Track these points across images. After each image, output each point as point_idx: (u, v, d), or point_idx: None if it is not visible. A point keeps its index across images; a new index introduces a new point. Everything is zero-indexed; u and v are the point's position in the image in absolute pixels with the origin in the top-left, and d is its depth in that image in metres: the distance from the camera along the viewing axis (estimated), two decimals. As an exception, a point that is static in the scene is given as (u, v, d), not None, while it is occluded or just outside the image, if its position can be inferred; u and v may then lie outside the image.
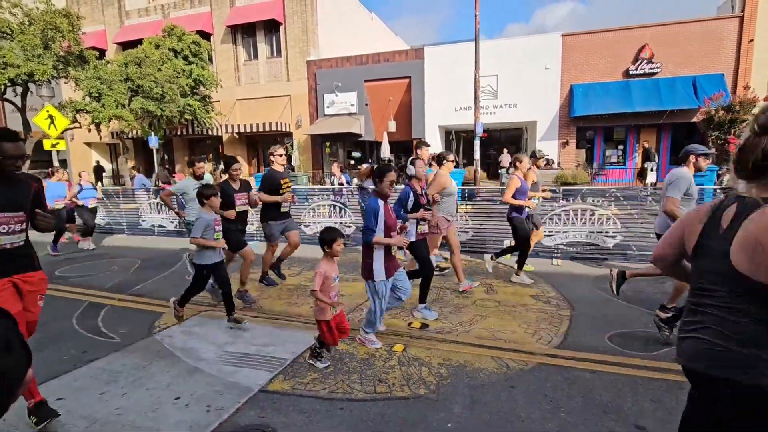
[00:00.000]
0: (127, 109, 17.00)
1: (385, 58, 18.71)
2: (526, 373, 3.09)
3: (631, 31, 15.66)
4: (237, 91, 20.95)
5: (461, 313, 4.37)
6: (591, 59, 16.11)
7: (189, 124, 19.99)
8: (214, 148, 22.56)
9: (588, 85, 15.99)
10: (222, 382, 3.04)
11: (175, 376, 3.12)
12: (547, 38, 16.68)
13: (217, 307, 4.65)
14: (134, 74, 16.86)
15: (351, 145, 20.28)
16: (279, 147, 5.21)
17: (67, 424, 2.56)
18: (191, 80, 18.33)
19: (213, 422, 2.56)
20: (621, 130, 16.89)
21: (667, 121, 15.44)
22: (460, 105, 17.49)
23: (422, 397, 2.81)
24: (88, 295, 5.15)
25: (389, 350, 3.50)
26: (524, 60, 16.56)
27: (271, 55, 20.56)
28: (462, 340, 3.68)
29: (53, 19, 15.74)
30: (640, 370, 3.09)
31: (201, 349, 3.60)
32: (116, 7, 22.55)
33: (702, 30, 14.96)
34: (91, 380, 3.09)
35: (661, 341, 3.56)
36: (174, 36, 18.31)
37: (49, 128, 10.13)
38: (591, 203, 7.08)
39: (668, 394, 2.77)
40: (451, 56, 17.43)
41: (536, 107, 16.75)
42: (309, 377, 3.09)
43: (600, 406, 2.67)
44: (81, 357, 3.46)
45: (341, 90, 18.84)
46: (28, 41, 15.38)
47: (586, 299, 4.69)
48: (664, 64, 15.26)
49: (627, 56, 15.68)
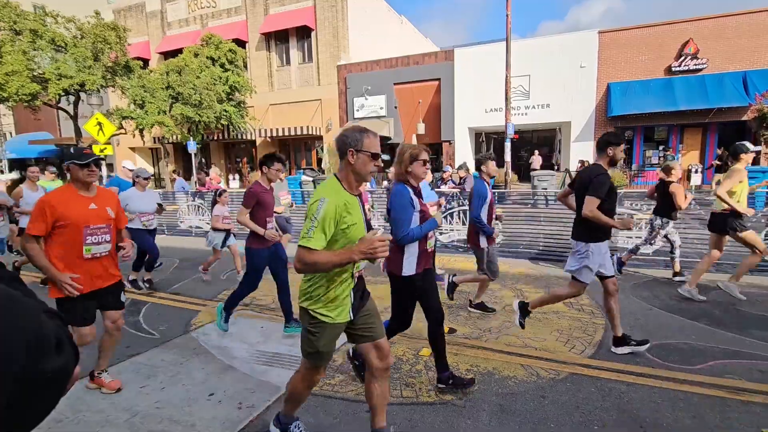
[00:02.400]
0: (168, 115, 17.86)
1: (415, 60, 18.70)
2: (558, 383, 3.00)
3: (673, 26, 14.90)
4: (270, 97, 21.54)
5: (489, 318, 4.30)
6: (630, 56, 15.45)
7: (225, 129, 20.74)
8: (248, 152, 23.29)
9: (627, 84, 15.34)
10: (254, 380, 3.13)
11: (209, 373, 3.25)
12: (582, 36, 16.15)
13: (249, 306, 4.80)
14: (175, 82, 17.69)
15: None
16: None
17: (111, 416, 2.72)
18: (227, 87, 19.02)
19: (244, 419, 2.64)
20: (663, 129, 16.08)
21: (714, 120, 14.57)
22: (490, 106, 17.21)
23: (449, 403, 2.79)
24: (130, 293, 5.44)
25: (416, 355, 3.49)
26: (558, 59, 16.10)
27: (302, 60, 21.02)
28: (491, 347, 3.62)
29: (102, 32, 16.79)
30: (681, 384, 2.93)
31: (234, 347, 3.73)
32: (159, 18, 23.74)
33: (753, 22, 14.03)
34: (133, 374, 3.27)
35: (706, 354, 3.36)
36: (212, 45, 19.08)
37: (98, 134, 10.78)
38: (629, 207, 6.79)
39: (711, 412, 2.62)
40: (482, 57, 17.20)
41: (570, 107, 16.24)
42: (336, 379, 3.13)
43: (636, 420, 2.55)
44: (124, 351, 3.66)
45: (371, 93, 18.98)
46: (80, 53, 16.47)
47: (624, 308, 4.49)
48: (711, 59, 14.41)
49: (669, 52, 14.93)
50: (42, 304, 0.72)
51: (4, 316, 0.60)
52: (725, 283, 4.69)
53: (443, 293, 4.33)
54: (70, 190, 2.71)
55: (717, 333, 3.80)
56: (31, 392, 0.63)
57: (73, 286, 2.58)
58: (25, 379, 0.61)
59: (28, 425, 0.67)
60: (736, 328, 3.87)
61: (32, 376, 0.62)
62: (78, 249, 2.66)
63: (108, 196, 2.93)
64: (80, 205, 2.69)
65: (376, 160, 2.03)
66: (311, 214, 1.89)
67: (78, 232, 2.65)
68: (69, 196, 2.69)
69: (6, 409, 0.60)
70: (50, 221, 2.58)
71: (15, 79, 15.67)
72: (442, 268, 6.28)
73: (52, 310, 0.74)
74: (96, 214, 2.74)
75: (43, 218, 2.56)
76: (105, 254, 2.79)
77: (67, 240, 2.63)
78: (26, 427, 0.67)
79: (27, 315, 0.65)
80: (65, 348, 0.69)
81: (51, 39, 16.59)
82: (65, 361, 0.68)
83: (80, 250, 2.67)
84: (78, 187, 2.73)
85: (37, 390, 0.64)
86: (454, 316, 4.37)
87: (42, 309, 0.71)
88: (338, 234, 1.94)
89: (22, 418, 0.65)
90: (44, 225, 2.57)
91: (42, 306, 0.72)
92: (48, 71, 16.35)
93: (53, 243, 2.64)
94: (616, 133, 3.44)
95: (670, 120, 15.05)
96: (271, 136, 20.96)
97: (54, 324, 0.70)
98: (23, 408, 0.63)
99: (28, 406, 0.64)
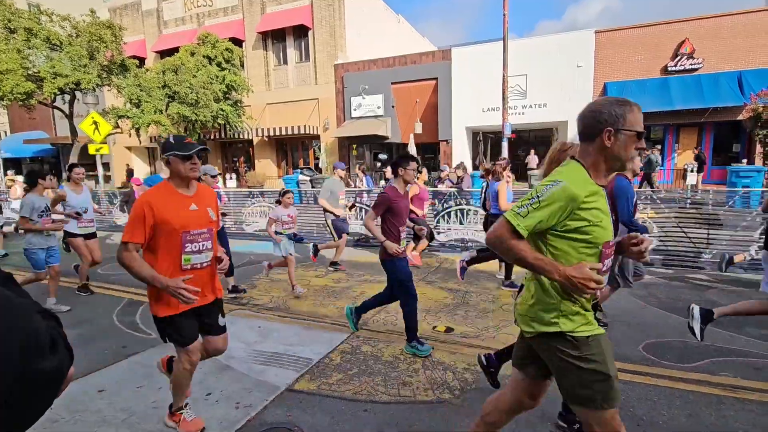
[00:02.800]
0: (164, 114, 17.79)
1: (412, 60, 18.70)
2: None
3: (669, 26, 14.96)
4: (267, 96, 21.49)
5: (487, 317, 4.31)
6: (626, 56, 15.51)
7: (222, 129, 20.68)
8: (245, 151, 23.23)
9: (623, 83, 15.40)
10: (251, 380, 3.13)
11: (206, 372, 3.24)
12: (579, 35, 16.20)
13: (246, 306, 4.79)
14: (171, 81, 17.62)
15: (377, 147, 20.37)
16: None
17: (108, 416, 2.71)
18: (224, 86, 18.97)
19: (241, 419, 2.64)
20: (659, 129, 16.16)
21: (710, 120, 14.65)
22: (487, 106, 17.24)
23: (446, 402, 2.80)
24: (126, 293, 5.42)
25: (414, 353, 3.49)
26: (555, 58, 16.14)
27: (299, 59, 20.98)
28: (488, 345, 3.63)
29: (98, 30, 16.69)
30: (677, 382, 2.95)
31: (231, 347, 3.70)
32: (155, 17, 23.63)
33: (748, 23, 14.11)
34: (130, 374, 3.26)
35: (701, 352, 3.38)
36: (208, 43, 19.01)
37: (93, 133, 10.75)
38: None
39: (706, 409, 2.64)
40: (479, 56, 17.21)
41: (567, 107, 16.26)
42: (334, 378, 3.13)
43: (633, 419, 2.57)
44: (121, 351, 3.64)
45: (368, 93, 18.96)
46: (76, 52, 16.36)
47: (620, 306, 4.52)
48: (707, 59, 14.49)
49: (665, 52, 15.00)
50: (36, 304, 0.72)
51: (0, 316, 0.60)
52: None
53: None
54: (167, 188, 2.27)
55: (712, 331, 3.82)
56: (26, 392, 0.63)
57: (189, 290, 2.10)
58: (20, 379, 0.61)
59: (22, 425, 0.67)
60: (731, 327, 3.89)
61: (27, 376, 0.62)
62: (176, 258, 2.22)
63: (208, 194, 2.43)
64: (180, 205, 2.24)
65: (640, 140, 1.55)
66: (535, 192, 1.52)
67: (177, 238, 2.21)
68: (167, 194, 2.25)
69: (1, 409, 0.60)
70: (150, 226, 2.15)
71: (9, 77, 15.56)
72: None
73: (47, 311, 0.74)
74: (197, 216, 2.29)
75: (143, 223, 2.13)
76: (207, 264, 2.35)
77: (162, 247, 2.20)
78: (21, 427, 0.67)
79: (21, 315, 0.65)
80: (59, 348, 0.69)
81: (46, 37, 16.47)
82: (60, 361, 0.68)
83: (178, 260, 2.23)
84: (176, 183, 2.28)
85: (32, 389, 0.64)
86: (452, 316, 4.38)
87: (36, 309, 0.71)
88: (573, 232, 1.52)
89: (17, 417, 0.65)
90: (145, 231, 2.14)
91: (36, 306, 0.72)
92: (43, 70, 16.25)
93: (145, 251, 2.24)
94: None
95: (667, 119, 15.13)
96: (268, 136, 20.91)
97: (48, 324, 0.70)
98: (18, 407, 0.64)
99: (23, 406, 0.64)
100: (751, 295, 4.80)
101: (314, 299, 5.02)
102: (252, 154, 22.51)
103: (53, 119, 25.86)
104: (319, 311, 4.60)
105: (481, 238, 7.41)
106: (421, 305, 4.71)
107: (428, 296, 5.01)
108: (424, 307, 4.67)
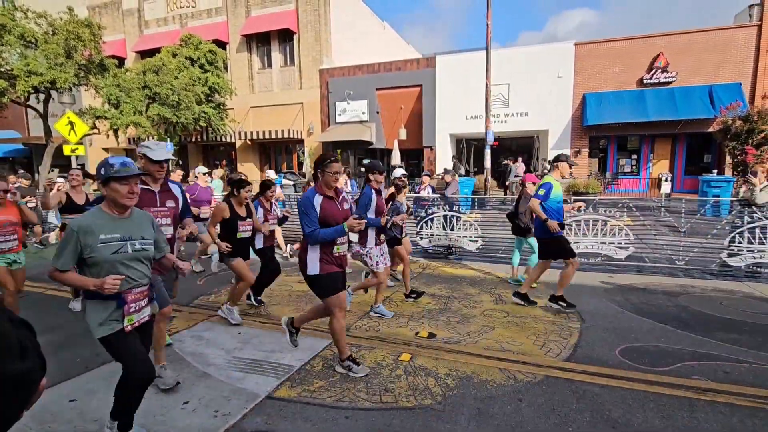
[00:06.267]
0: (144, 115, 17.40)
1: (397, 66, 18.84)
2: (534, 386, 3.05)
3: (645, 40, 15.52)
4: (251, 99, 21.28)
5: (469, 323, 4.34)
6: (604, 68, 16.00)
7: (204, 131, 20.35)
8: (227, 154, 22.90)
9: (601, 94, 15.86)
10: (230, 387, 3.07)
11: (184, 380, 3.16)
12: (559, 47, 16.62)
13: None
14: (152, 82, 17.27)
15: (362, 153, 20.39)
16: None
17: (79, 427, 2.61)
18: (206, 88, 18.69)
19: (219, 428, 2.58)
20: (635, 139, 16.68)
21: (683, 131, 15.20)
22: (471, 113, 17.48)
23: (428, 407, 2.80)
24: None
25: (396, 359, 3.49)
26: (536, 69, 16.52)
27: (284, 63, 20.88)
28: (469, 351, 3.66)
29: (76, 28, 16.23)
30: (651, 386, 3.03)
31: (210, 354, 3.64)
32: (136, 17, 23.18)
33: (719, 39, 14.76)
34: (102, 382, 3.15)
35: (674, 356, 3.49)
36: (191, 45, 18.72)
37: (69, 134, 10.42)
38: (603, 213, 6.99)
39: (680, 412, 2.71)
40: (463, 65, 17.48)
41: (548, 116, 16.66)
42: (315, 385, 3.10)
43: (609, 421, 2.62)
44: (94, 359, 3.52)
45: (353, 98, 19.00)
46: (52, 50, 15.87)
47: (597, 311, 4.63)
48: (680, 73, 15.07)
49: (641, 65, 15.54)
50: (7, 312, 0.71)
51: None
52: None
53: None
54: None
55: (684, 335, 3.95)
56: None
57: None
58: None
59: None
60: (702, 331, 4.03)
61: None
62: None
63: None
64: None
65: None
66: None
67: None
68: None
69: None
70: None
71: (-20, 75, 14.99)
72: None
73: (19, 319, 0.73)
74: None
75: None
76: None
77: None
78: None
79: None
80: (30, 355, 0.68)
81: (20, 34, 15.93)
82: (29, 367, 0.67)
83: None
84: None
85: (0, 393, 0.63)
86: (434, 321, 4.40)
87: (7, 317, 0.70)
88: None
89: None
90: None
91: (7, 314, 0.71)
92: (17, 68, 15.68)
93: None
94: None
95: (642, 130, 15.63)
96: (251, 139, 20.69)
97: (19, 332, 0.70)
98: None
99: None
100: (721, 300, 4.98)
101: (296, 305, 4.97)
102: (234, 158, 22.21)
103: (26, 119, 25.01)
104: (301, 317, 4.55)
105: (464, 243, 7.48)
106: (404, 311, 4.72)
107: (410, 302, 5.02)
108: (406, 312, 4.68)
